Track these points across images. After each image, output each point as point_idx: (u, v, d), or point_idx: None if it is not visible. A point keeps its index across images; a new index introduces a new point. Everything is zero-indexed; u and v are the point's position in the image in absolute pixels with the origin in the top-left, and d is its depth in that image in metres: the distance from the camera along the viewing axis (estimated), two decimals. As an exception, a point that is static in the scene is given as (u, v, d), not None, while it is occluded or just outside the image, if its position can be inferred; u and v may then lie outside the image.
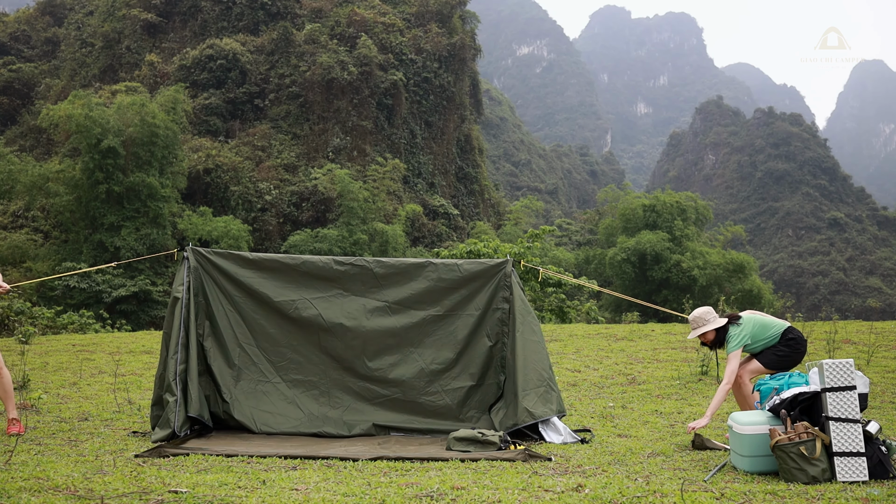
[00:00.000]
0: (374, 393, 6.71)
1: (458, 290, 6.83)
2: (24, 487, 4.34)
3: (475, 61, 66.00)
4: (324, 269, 6.80)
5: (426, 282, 6.82)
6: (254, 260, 6.85)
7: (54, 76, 57.94)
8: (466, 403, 6.71)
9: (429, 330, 6.80)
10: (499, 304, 6.80)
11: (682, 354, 11.11)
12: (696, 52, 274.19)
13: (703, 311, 6.03)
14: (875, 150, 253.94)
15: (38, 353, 11.94)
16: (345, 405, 6.67)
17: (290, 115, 52.66)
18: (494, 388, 6.73)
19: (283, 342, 6.76)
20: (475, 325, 6.79)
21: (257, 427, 6.45)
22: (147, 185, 36.67)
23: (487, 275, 6.86)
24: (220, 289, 6.73)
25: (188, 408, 6.19)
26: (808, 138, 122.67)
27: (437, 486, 4.53)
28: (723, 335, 5.93)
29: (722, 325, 5.91)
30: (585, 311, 23.92)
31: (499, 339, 6.78)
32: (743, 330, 5.88)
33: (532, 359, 6.42)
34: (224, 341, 6.64)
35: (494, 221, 61.52)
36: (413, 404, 6.68)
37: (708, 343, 6.04)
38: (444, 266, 6.89)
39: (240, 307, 6.74)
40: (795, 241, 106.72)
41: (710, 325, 5.93)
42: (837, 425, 4.78)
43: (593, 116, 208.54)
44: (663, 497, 4.28)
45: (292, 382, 6.69)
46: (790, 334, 5.95)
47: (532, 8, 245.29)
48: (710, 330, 5.94)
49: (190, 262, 6.61)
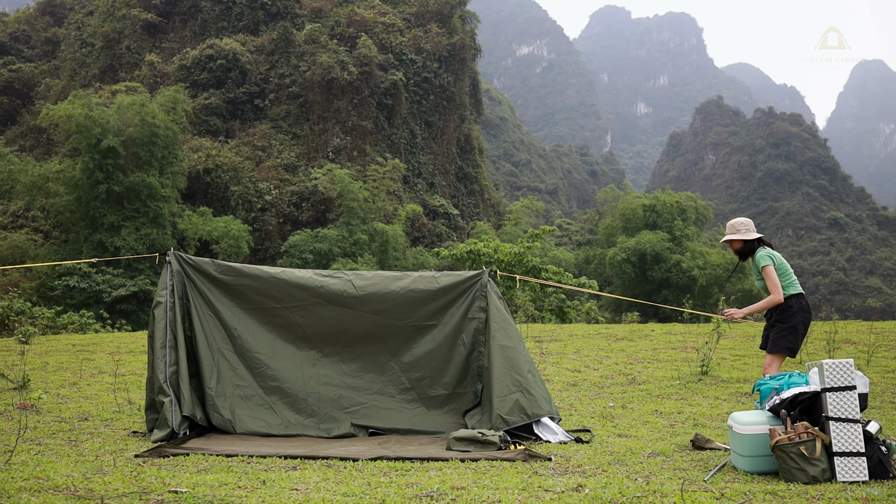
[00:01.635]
0: (351, 401, 6.76)
1: (434, 301, 6.92)
2: (24, 487, 4.34)
3: (475, 61, 66.03)
4: (303, 279, 6.89)
5: (403, 293, 6.90)
6: (234, 267, 6.92)
7: (54, 76, 57.95)
8: (444, 410, 6.79)
9: (405, 340, 6.89)
10: (475, 314, 6.89)
11: (682, 354, 11.11)
12: (696, 52, 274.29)
13: (741, 220, 6.17)
14: (875, 150, 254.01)
15: (38, 353, 11.93)
16: (321, 413, 6.70)
17: (290, 115, 52.67)
18: (471, 397, 6.83)
19: (261, 349, 6.80)
20: (451, 334, 6.88)
21: (236, 431, 6.48)
22: (147, 185, 36.68)
23: (463, 286, 6.96)
24: (201, 294, 6.79)
25: (182, 407, 6.20)
26: (808, 138, 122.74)
27: (437, 486, 4.53)
28: (751, 248, 6.08)
29: (753, 238, 6.06)
30: (585, 311, 23.91)
31: (475, 349, 6.86)
32: (773, 254, 6.03)
33: (506, 365, 6.47)
34: (204, 345, 6.68)
35: (494, 221, 61.54)
36: (389, 412, 6.75)
37: (735, 251, 6.22)
38: (422, 278, 7.01)
39: (219, 313, 6.79)
40: (795, 241, 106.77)
41: (741, 234, 6.06)
42: (837, 425, 4.78)
43: (593, 116, 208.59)
44: (663, 497, 4.28)
45: (269, 389, 6.73)
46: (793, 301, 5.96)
47: (532, 8, 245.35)
48: (738, 240, 6.07)
49: (173, 265, 6.66)
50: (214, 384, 6.59)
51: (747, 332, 13.48)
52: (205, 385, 6.56)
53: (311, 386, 6.76)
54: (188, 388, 6.34)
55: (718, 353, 10.64)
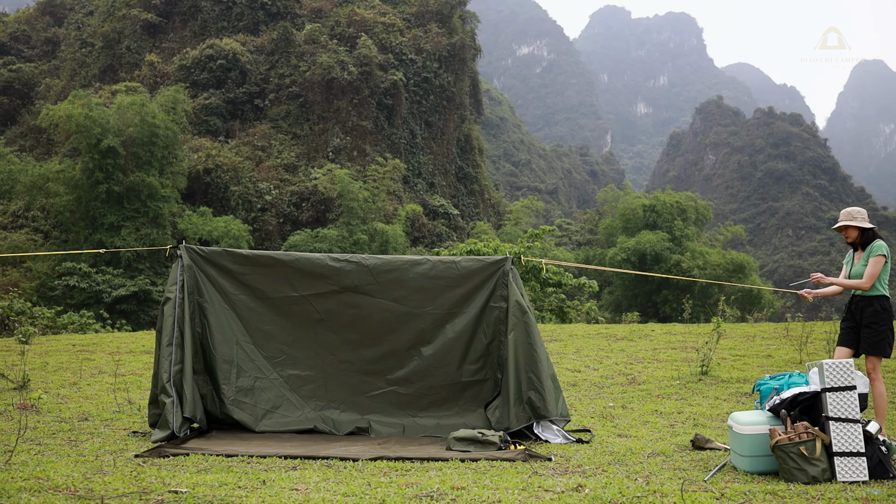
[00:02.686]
0: (370, 387, 6.73)
1: (455, 287, 6.82)
2: (24, 487, 4.34)
3: (475, 61, 65.99)
4: (319, 266, 6.80)
5: (423, 279, 6.81)
6: (248, 256, 6.84)
7: (54, 76, 57.93)
8: (462, 398, 6.73)
9: (426, 327, 6.80)
10: (496, 301, 6.78)
11: (682, 354, 11.11)
12: (696, 52, 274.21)
13: (857, 210, 6.12)
14: (875, 150, 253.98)
15: (38, 353, 11.93)
16: (341, 399, 6.70)
17: (290, 115, 52.66)
18: (491, 385, 6.74)
19: (279, 338, 6.76)
20: (473, 323, 6.79)
21: (256, 425, 6.46)
22: (147, 185, 36.67)
23: (485, 272, 6.83)
24: (215, 286, 6.72)
25: (183, 408, 6.19)
26: (808, 138, 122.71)
27: (437, 486, 4.53)
28: (868, 239, 6.03)
29: (870, 228, 6.02)
30: (585, 311, 23.92)
31: (496, 337, 6.77)
32: (889, 250, 6.02)
33: (523, 363, 6.41)
34: (220, 339, 6.64)
35: (494, 221, 61.52)
36: (409, 398, 6.71)
37: (848, 239, 6.16)
38: (442, 263, 6.88)
39: (235, 304, 6.74)
40: (795, 241, 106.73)
41: (857, 222, 6.01)
42: (837, 425, 4.78)
43: (593, 116, 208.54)
44: (663, 497, 4.28)
45: (289, 378, 6.71)
46: (885, 303, 5.97)
47: (532, 8, 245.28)
48: (855, 227, 6.02)
49: (184, 259, 6.60)
50: (234, 378, 6.55)
51: (747, 333, 13.47)
52: (220, 382, 6.51)
53: (332, 374, 6.73)
54: (191, 387, 6.32)
55: (718, 353, 10.64)
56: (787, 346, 11.55)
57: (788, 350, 11.10)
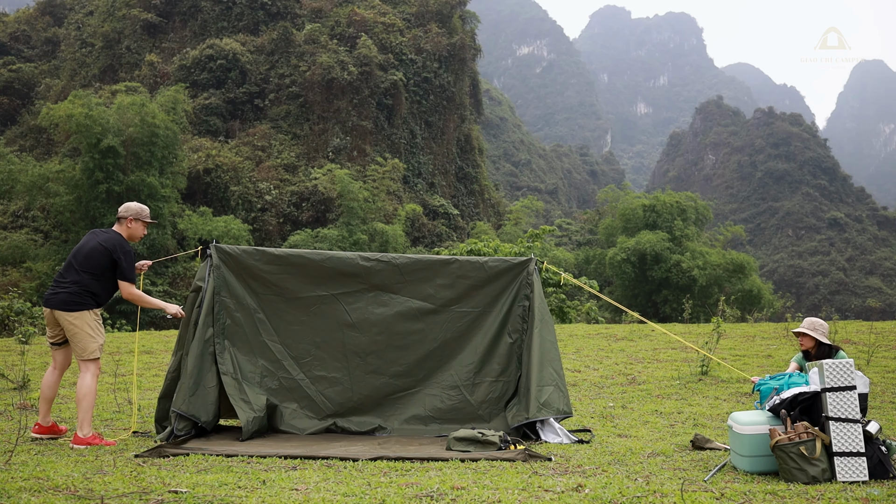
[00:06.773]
0: (397, 387, 6.76)
1: (483, 287, 6.89)
2: (24, 487, 4.33)
3: (475, 61, 66.02)
4: (349, 265, 6.79)
5: (451, 278, 6.86)
6: (278, 255, 6.80)
7: (54, 76, 57.94)
8: (486, 399, 6.77)
9: (453, 327, 6.85)
10: (521, 301, 6.88)
11: (682, 354, 11.11)
12: (696, 52, 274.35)
13: (822, 322, 5.95)
14: (875, 150, 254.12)
15: (38, 353, 11.93)
16: (369, 400, 6.72)
17: (290, 115, 52.67)
18: (513, 385, 6.80)
19: (306, 338, 6.75)
20: (499, 322, 6.86)
21: (283, 424, 6.48)
22: (147, 185, 36.65)
23: (512, 273, 6.92)
24: (244, 285, 6.70)
25: (191, 408, 6.15)
26: (808, 138, 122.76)
27: (437, 486, 4.53)
28: (823, 354, 5.80)
29: (828, 345, 5.82)
30: (585, 311, 23.93)
31: (519, 337, 6.85)
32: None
33: (547, 357, 6.52)
34: (247, 338, 6.64)
35: (494, 221, 61.54)
36: (435, 399, 6.74)
37: (802, 347, 5.99)
38: (470, 263, 6.93)
39: (263, 303, 6.72)
40: (795, 241, 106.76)
41: (818, 335, 5.83)
42: (837, 425, 4.78)
43: (593, 116, 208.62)
44: (663, 497, 4.28)
45: (316, 378, 6.71)
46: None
47: (532, 8, 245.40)
48: (813, 339, 5.84)
49: (213, 259, 6.58)
50: (259, 378, 6.57)
51: (747, 333, 13.48)
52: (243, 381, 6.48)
53: (358, 376, 6.74)
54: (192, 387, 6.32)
55: (718, 353, 10.64)
56: (787, 346, 11.56)
57: (788, 350, 11.11)
